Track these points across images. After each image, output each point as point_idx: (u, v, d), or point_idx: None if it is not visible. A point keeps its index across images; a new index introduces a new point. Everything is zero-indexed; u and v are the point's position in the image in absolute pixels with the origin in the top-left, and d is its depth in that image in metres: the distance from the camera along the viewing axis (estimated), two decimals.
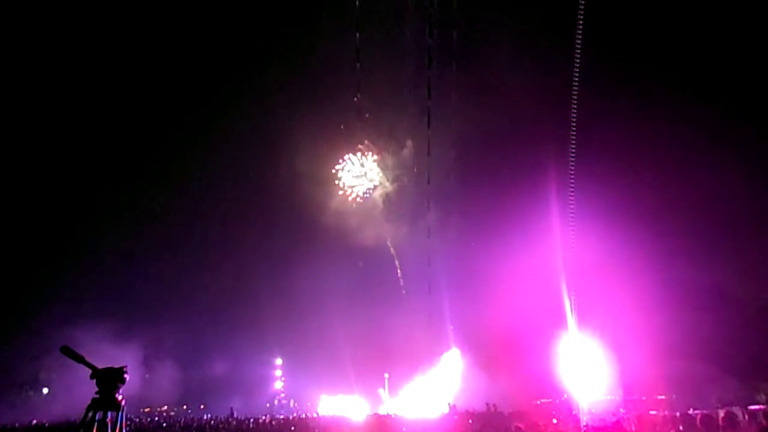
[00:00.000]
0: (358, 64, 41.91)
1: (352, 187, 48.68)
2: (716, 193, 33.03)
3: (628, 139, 35.26)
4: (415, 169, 47.68)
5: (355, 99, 43.95)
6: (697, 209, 33.68)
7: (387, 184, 49.42)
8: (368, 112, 45.77)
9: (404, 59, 43.28)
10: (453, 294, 41.87)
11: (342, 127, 47.68)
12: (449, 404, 29.37)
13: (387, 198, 49.32)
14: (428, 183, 45.02)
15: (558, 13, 28.41)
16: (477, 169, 43.81)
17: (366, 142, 48.60)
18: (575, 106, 22.69)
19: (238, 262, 46.64)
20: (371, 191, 48.98)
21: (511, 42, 37.47)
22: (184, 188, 46.04)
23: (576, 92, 22.61)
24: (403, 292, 46.54)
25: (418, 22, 42.35)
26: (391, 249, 46.89)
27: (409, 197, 48.31)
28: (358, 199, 48.61)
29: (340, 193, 48.71)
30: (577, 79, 22.62)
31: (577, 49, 22.08)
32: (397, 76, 43.70)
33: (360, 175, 48.81)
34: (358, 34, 40.99)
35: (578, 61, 22.31)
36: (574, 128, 22.78)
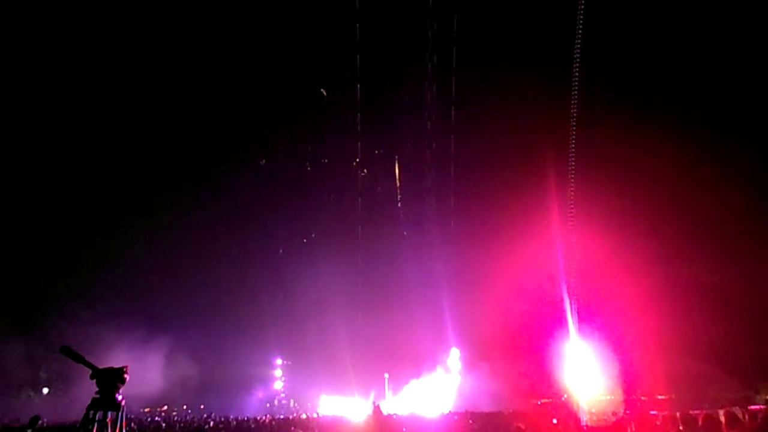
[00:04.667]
0: (358, 86, 42.94)
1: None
2: (717, 192, 33.01)
3: (627, 140, 35.25)
4: (414, 170, 47.84)
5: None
6: (698, 209, 33.67)
7: (387, 184, 49.55)
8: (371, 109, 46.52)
9: (407, 59, 43.78)
10: (453, 294, 41.89)
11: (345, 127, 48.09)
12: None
13: (387, 197, 49.41)
14: (428, 184, 45.21)
15: (559, 15, 28.44)
16: (478, 169, 43.86)
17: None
18: (575, 108, 22.71)
19: (239, 263, 46.63)
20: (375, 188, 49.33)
21: (512, 44, 37.56)
22: (185, 196, 46.14)
23: (576, 94, 22.64)
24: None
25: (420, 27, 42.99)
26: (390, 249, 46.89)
27: (410, 198, 48.46)
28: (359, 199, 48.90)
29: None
30: (576, 80, 22.65)
31: (577, 50, 22.11)
32: (399, 72, 44.30)
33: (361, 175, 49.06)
34: (359, 56, 41.95)
35: (578, 63, 22.34)
36: (574, 129, 22.80)
